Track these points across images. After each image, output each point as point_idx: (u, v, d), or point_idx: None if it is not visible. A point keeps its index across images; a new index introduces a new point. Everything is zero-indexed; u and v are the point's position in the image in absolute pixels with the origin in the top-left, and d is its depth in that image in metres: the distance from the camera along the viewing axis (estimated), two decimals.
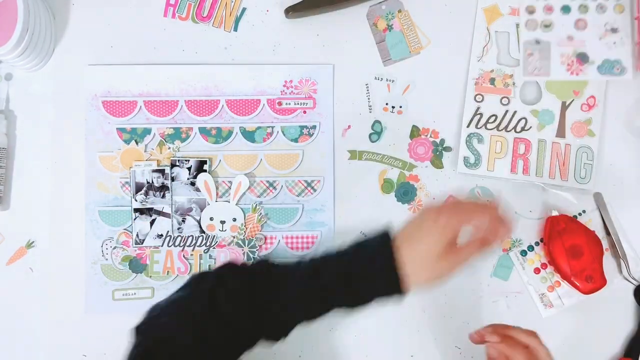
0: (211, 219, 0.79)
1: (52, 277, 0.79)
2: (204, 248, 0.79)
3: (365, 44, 0.81)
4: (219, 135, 0.80)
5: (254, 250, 0.79)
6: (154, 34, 0.81)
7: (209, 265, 0.79)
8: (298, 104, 0.81)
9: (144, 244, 0.79)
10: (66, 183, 0.80)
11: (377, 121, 0.81)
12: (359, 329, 0.79)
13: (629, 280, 0.79)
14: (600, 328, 0.79)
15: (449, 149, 0.81)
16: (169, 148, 0.80)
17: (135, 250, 0.79)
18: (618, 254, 0.79)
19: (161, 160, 0.80)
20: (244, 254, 0.79)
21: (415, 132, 0.81)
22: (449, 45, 0.81)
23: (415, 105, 0.81)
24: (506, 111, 0.81)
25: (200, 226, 0.79)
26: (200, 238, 0.79)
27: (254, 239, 0.79)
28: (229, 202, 0.79)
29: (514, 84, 0.80)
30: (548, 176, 0.80)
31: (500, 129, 0.80)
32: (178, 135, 0.80)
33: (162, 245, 0.79)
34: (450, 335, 0.79)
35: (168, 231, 0.79)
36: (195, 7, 0.81)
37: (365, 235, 0.61)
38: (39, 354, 0.79)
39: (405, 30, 0.82)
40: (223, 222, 0.79)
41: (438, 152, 0.81)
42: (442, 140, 0.81)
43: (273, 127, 0.80)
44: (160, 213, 0.79)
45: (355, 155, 0.81)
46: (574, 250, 0.76)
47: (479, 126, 0.80)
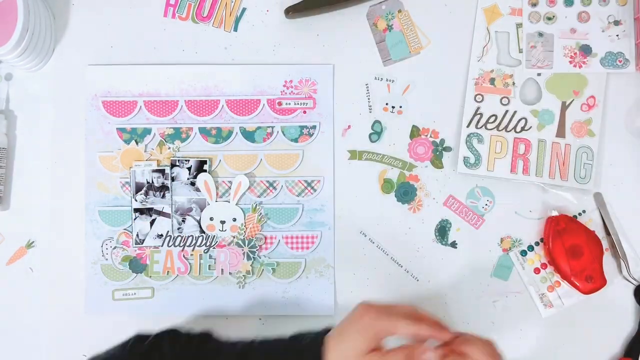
0: (211, 219, 0.79)
1: (52, 277, 0.79)
2: (204, 248, 0.79)
3: (365, 44, 0.81)
4: (219, 135, 0.80)
5: (254, 250, 0.79)
6: (154, 34, 0.81)
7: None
8: (298, 104, 0.81)
9: (144, 244, 0.79)
10: (66, 183, 0.80)
11: (377, 121, 0.81)
12: None
13: (629, 280, 0.79)
14: (600, 328, 0.79)
15: (449, 149, 0.81)
16: (169, 148, 0.80)
17: (135, 250, 0.79)
18: (618, 254, 0.79)
19: (161, 160, 0.80)
20: (244, 254, 0.79)
21: (415, 132, 0.81)
22: (449, 45, 0.81)
23: (415, 105, 0.81)
24: (506, 111, 0.81)
25: (200, 226, 0.79)
26: (200, 238, 0.79)
27: (254, 239, 0.79)
28: (229, 202, 0.79)
29: (514, 84, 0.80)
30: (548, 176, 0.80)
31: (500, 129, 0.80)
32: (178, 135, 0.80)
33: (162, 245, 0.79)
34: None
35: (168, 231, 0.79)
36: (195, 7, 0.81)
37: (305, 332, 0.62)
38: (39, 354, 0.79)
39: (405, 30, 0.82)
40: (223, 222, 0.79)
41: (438, 152, 0.81)
42: (442, 140, 0.81)
43: (273, 127, 0.80)
44: (160, 213, 0.79)
45: (355, 155, 0.81)
46: (574, 250, 0.76)
47: (479, 126, 0.80)
